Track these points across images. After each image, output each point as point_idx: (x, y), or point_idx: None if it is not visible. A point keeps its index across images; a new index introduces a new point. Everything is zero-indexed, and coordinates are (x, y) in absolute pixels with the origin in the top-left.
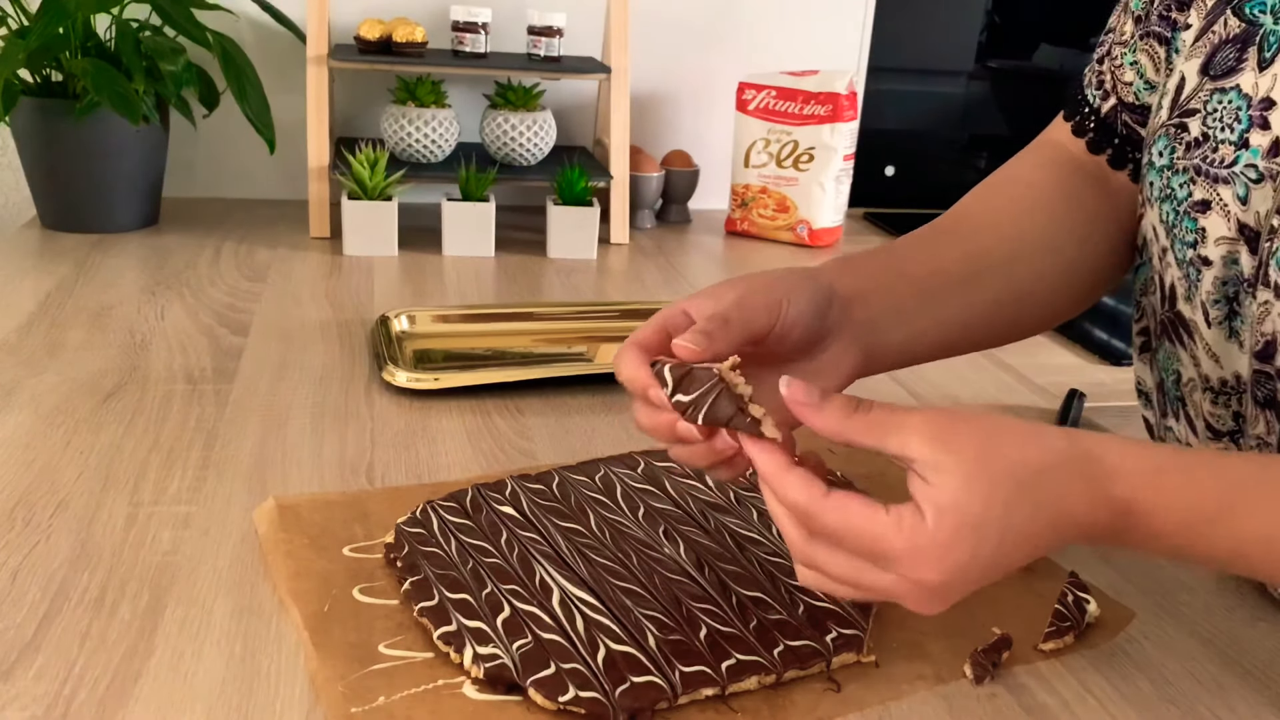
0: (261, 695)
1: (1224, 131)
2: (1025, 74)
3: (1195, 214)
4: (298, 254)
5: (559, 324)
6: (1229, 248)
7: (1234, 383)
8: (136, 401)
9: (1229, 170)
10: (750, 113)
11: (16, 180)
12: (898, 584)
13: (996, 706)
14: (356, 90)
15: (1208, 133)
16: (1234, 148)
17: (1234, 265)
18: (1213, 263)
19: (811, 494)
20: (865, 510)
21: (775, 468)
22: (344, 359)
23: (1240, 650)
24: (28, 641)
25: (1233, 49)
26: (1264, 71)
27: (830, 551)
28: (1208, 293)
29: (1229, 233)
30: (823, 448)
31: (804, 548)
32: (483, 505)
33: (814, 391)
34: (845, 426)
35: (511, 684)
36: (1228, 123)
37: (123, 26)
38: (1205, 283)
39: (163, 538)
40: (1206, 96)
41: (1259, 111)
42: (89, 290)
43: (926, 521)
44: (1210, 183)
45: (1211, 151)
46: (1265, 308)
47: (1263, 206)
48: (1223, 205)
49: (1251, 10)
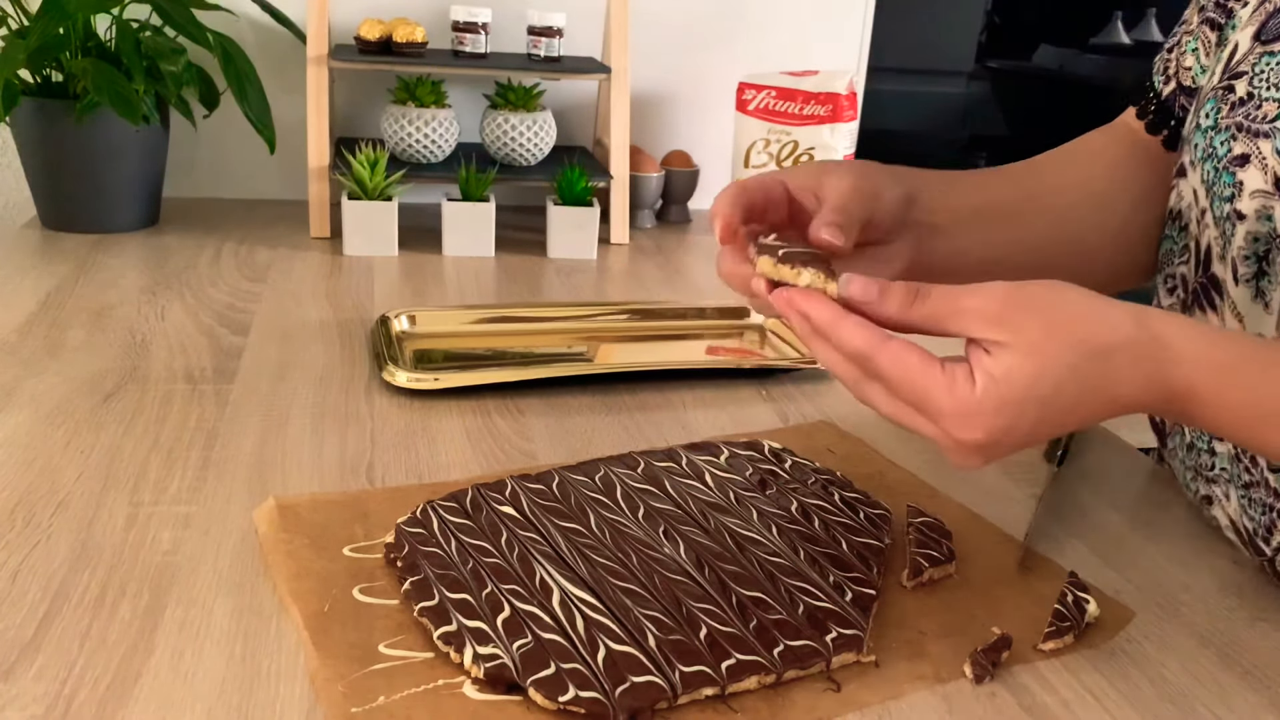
0: (261, 695)
1: (1269, 90)
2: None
3: (1234, 168)
4: (298, 254)
5: (559, 324)
6: (1263, 201)
7: None
8: (136, 401)
9: (1270, 125)
10: (750, 113)
11: (16, 180)
12: (940, 436)
13: (996, 706)
14: (356, 90)
15: (1253, 92)
16: (1277, 105)
17: (1267, 221)
18: (1246, 216)
19: (870, 339)
20: (921, 363)
21: (833, 315)
22: (344, 359)
23: (1240, 650)
24: (28, 641)
25: None
26: None
27: (882, 393)
28: (1239, 248)
29: (1265, 185)
30: (822, 448)
31: (858, 386)
32: (483, 505)
33: (872, 287)
34: (907, 316)
35: (511, 684)
36: (1274, 82)
37: (123, 26)
38: (1238, 238)
39: (163, 538)
40: (1255, 59)
41: None
42: (89, 290)
43: (976, 387)
44: (1250, 137)
45: (1255, 109)
46: None
47: None
48: (1261, 159)
49: None
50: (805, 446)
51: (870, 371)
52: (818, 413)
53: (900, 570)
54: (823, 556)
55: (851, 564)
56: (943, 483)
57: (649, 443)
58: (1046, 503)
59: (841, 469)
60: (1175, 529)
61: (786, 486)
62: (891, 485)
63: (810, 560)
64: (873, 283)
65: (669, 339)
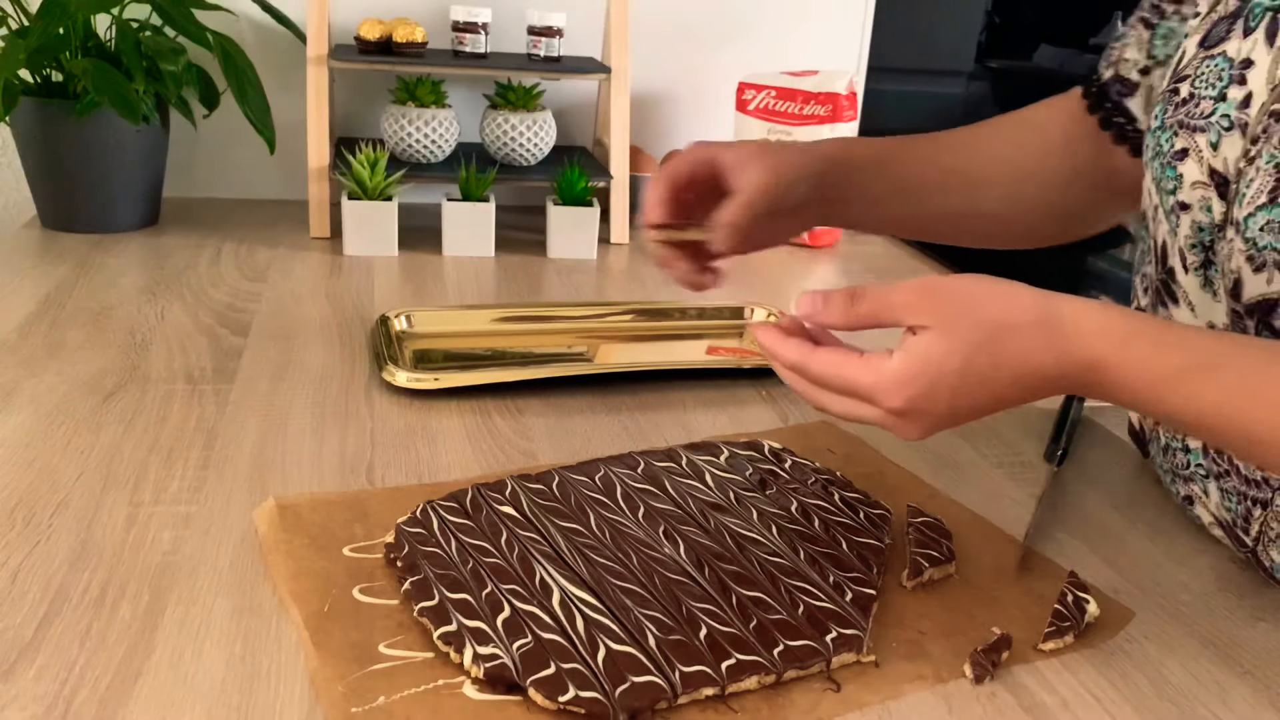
0: (261, 695)
1: (1207, 89)
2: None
3: (1174, 162)
4: (298, 254)
5: (559, 324)
6: (1202, 193)
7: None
8: (136, 401)
9: (1205, 120)
10: (750, 113)
11: (16, 180)
12: (877, 415)
13: (996, 706)
14: (356, 90)
15: (1194, 92)
16: (1213, 101)
17: (1207, 212)
18: (1190, 207)
19: (801, 350)
20: (841, 357)
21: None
22: (344, 359)
23: (1240, 650)
24: (28, 641)
25: (1226, 23)
26: (1246, 37)
27: (826, 394)
28: (1185, 237)
29: (1202, 177)
30: (822, 448)
31: (808, 395)
32: (483, 505)
33: (816, 300)
34: (849, 319)
35: (511, 684)
36: (1211, 82)
37: (123, 26)
38: (1183, 228)
39: (163, 538)
40: (1198, 63)
41: (1239, 70)
42: (89, 290)
43: (891, 361)
44: (1189, 133)
45: (1194, 106)
46: (1229, 245)
47: (1231, 153)
48: (1198, 151)
49: None
50: (805, 446)
51: (812, 379)
52: (817, 413)
53: (900, 570)
54: (823, 556)
55: (851, 564)
56: (943, 483)
57: (649, 443)
58: (1046, 503)
59: (841, 469)
60: (1175, 529)
61: (786, 486)
62: (891, 485)
63: (810, 560)
64: (815, 296)
65: (669, 339)
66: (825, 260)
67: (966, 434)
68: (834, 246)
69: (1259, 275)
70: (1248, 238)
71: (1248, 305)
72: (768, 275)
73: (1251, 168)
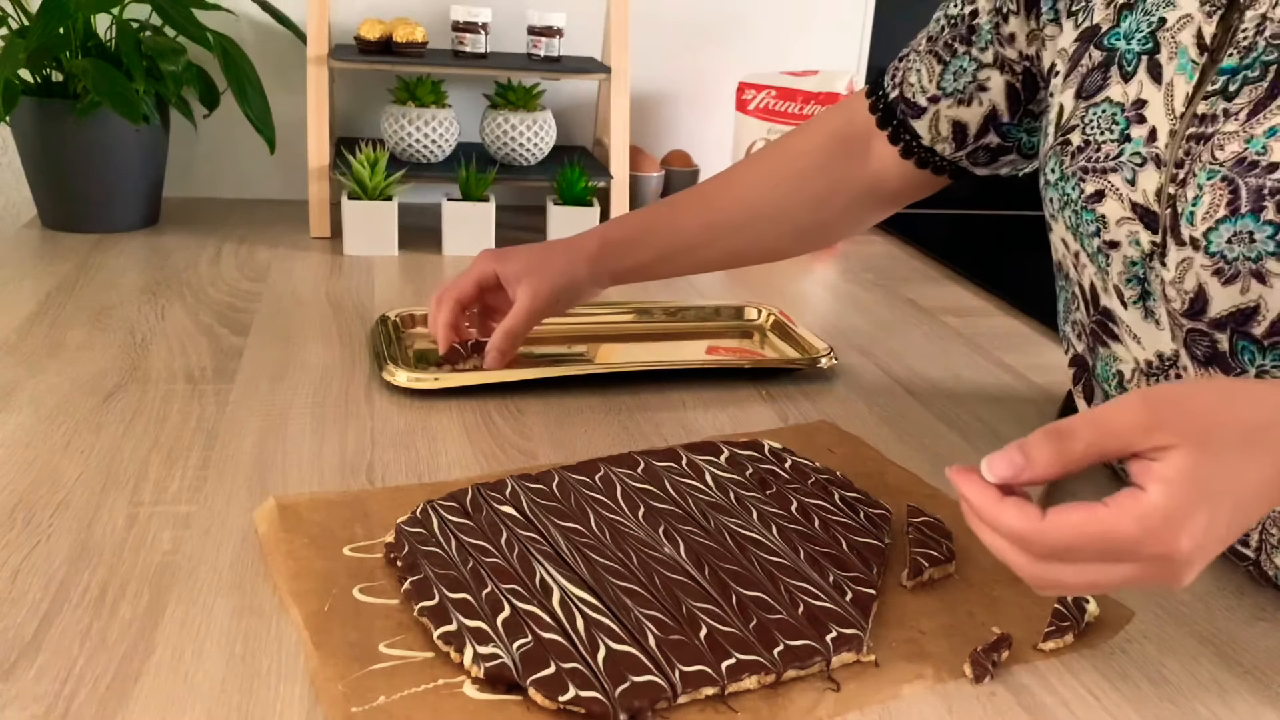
0: (261, 695)
1: (1104, 134)
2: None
3: (1092, 205)
4: (298, 254)
5: (559, 324)
6: (1129, 228)
7: (1158, 362)
8: (137, 401)
9: (1115, 161)
10: (750, 113)
11: (16, 180)
12: (1143, 571)
13: (996, 706)
14: (356, 90)
15: (1088, 138)
16: (1116, 144)
17: (1136, 245)
18: (1119, 244)
19: (1030, 521)
20: (1086, 516)
21: (988, 502)
22: (344, 359)
23: (1240, 650)
24: (28, 641)
25: (1099, 72)
26: (1129, 82)
27: (1062, 566)
28: (1119, 273)
29: (1126, 213)
30: (822, 448)
31: (1034, 570)
32: (483, 505)
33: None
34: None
35: (512, 683)
36: (1105, 126)
37: (123, 26)
38: (1115, 265)
39: (163, 538)
40: (1083, 113)
41: (1134, 111)
42: (89, 290)
43: (1157, 497)
44: (1099, 175)
45: (1095, 151)
46: (1184, 265)
47: (1150, 185)
48: (1115, 190)
49: (1110, 40)
50: (805, 446)
51: (1041, 553)
52: (818, 413)
53: (900, 570)
54: (823, 556)
55: (851, 564)
56: (943, 483)
57: (649, 443)
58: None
59: (841, 469)
60: None
61: (786, 486)
62: (891, 485)
63: (810, 560)
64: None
65: (669, 339)
66: (825, 260)
67: (966, 434)
68: (834, 247)
69: (1230, 287)
70: (1213, 252)
71: (1216, 320)
72: (768, 275)
73: (1186, 190)
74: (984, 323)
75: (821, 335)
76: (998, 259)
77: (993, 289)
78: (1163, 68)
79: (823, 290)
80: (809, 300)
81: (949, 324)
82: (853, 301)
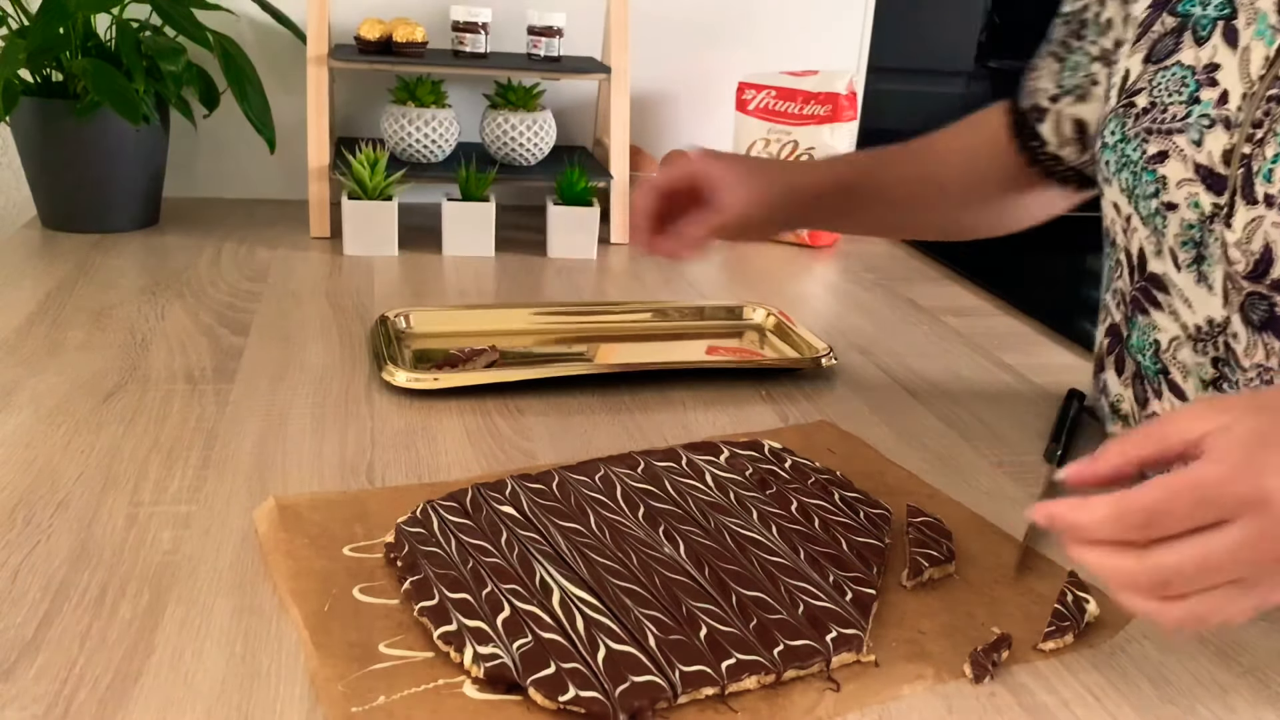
0: (261, 695)
1: (1171, 97)
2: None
3: (1153, 166)
4: (298, 254)
5: (559, 324)
6: (1189, 189)
7: (1207, 328)
8: (137, 401)
9: (1182, 122)
10: (750, 113)
11: (16, 180)
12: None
13: (996, 706)
14: (356, 90)
15: (1155, 100)
16: (1184, 105)
17: (1195, 207)
18: (1178, 206)
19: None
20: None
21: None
22: (344, 359)
23: (1240, 650)
24: (28, 641)
25: (1170, 38)
26: (1202, 46)
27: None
28: (1175, 236)
29: (1188, 174)
30: (822, 448)
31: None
32: (483, 505)
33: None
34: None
35: (512, 683)
36: (1174, 89)
37: (123, 26)
38: (1172, 227)
39: (163, 538)
40: (1150, 76)
41: (1205, 74)
42: (89, 290)
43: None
44: (1164, 136)
45: (1161, 113)
46: (1254, 225)
47: (1217, 147)
48: (1179, 151)
49: (1184, 7)
50: (805, 446)
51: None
52: (818, 413)
53: (900, 570)
54: (823, 556)
55: (851, 564)
56: (943, 483)
57: (649, 443)
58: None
59: (841, 469)
60: None
61: (786, 486)
62: (891, 485)
63: (810, 560)
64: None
65: (669, 339)
66: (825, 260)
67: (966, 434)
68: (833, 246)
69: None
70: None
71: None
72: (768, 275)
73: (1265, 148)
74: (984, 323)
75: (821, 335)
76: (998, 259)
77: (993, 289)
78: (1239, 33)
79: (823, 290)
80: (809, 300)
81: (949, 324)
82: (853, 301)
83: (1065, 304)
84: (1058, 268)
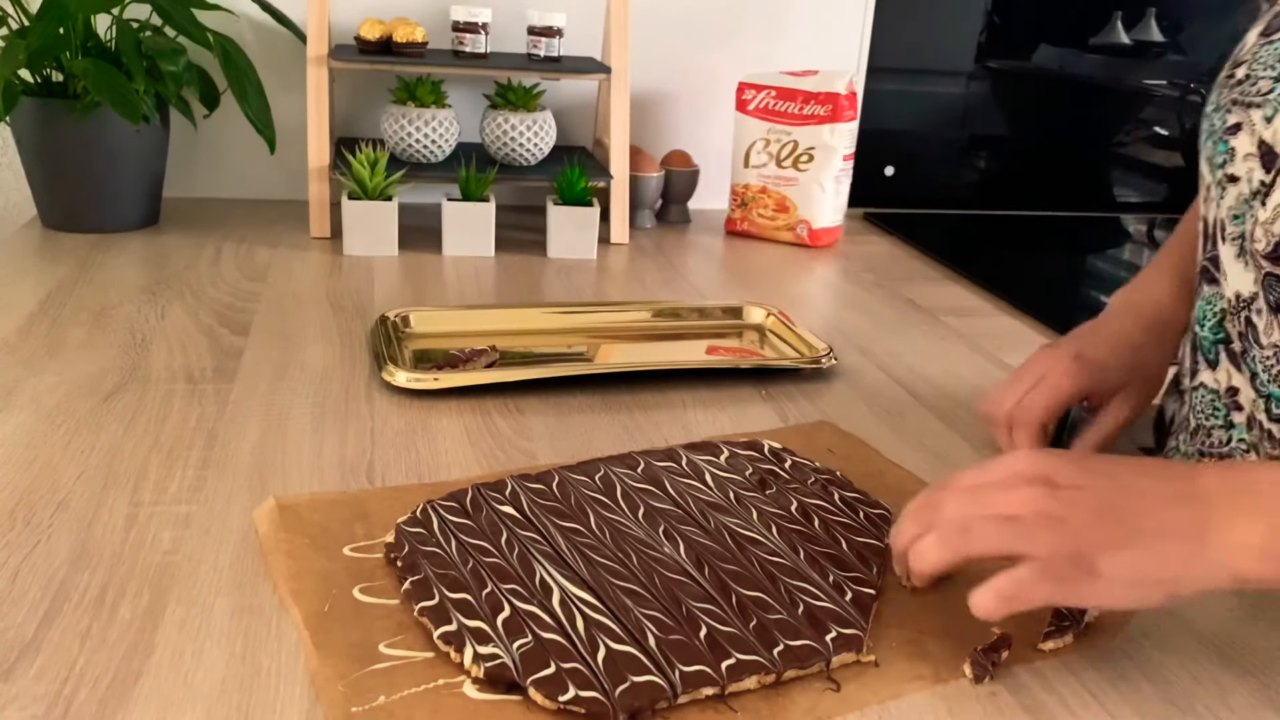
0: (261, 695)
1: (1266, 70)
2: (1025, 74)
3: (1227, 136)
4: (298, 254)
5: (559, 324)
6: (1249, 165)
7: (1235, 301)
8: (137, 401)
9: (1263, 97)
10: (750, 113)
11: (16, 180)
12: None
13: (996, 706)
14: (356, 90)
15: (1251, 73)
16: (1272, 81)
17: (1249, 183)
18: (1238, 179)
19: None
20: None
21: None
22: (344, 359)
23: (1240, 650)
24: (28, 641)
25: None
26: None
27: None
28: (1229, 208)
29: (1252, 149)
30: (822, 448)
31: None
32: (483, 505)
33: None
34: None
35: (512, 683)
36: (1270, 64)
37: (123, 26)
38: (1229, 199)
39: (163, 538)
40: (1256, 49)
41: None
42: (89, 290)
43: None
44: (1244, 109)
45: (1250, 86)
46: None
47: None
48: (1251, 126)
49: None
50: (805, 446)
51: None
52: (818, 413)
53: None
54: (823, 556)
55: (851, 564)
56: None
57: (649, 443)
58: None
59: (841, 469)
60: None
61: (786, 486)
62: (891, 485)
63: (810, 560)
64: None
65: (669, 339)
66: (825, 260)
67: (966, 434)
68: (833, 246)
69: None
70: None
71: None
72: (768, 275)
73: None
74: (984, 323)
75: (821, 335)
76: (998, 259)
77: (993, 289)
78: None
79: (823, 290)
80: (809, 300)
81: (949, 324)
82: (853, 301)
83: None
84: (1058, 268)
